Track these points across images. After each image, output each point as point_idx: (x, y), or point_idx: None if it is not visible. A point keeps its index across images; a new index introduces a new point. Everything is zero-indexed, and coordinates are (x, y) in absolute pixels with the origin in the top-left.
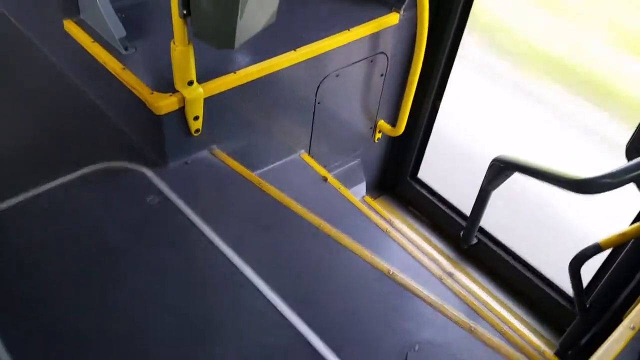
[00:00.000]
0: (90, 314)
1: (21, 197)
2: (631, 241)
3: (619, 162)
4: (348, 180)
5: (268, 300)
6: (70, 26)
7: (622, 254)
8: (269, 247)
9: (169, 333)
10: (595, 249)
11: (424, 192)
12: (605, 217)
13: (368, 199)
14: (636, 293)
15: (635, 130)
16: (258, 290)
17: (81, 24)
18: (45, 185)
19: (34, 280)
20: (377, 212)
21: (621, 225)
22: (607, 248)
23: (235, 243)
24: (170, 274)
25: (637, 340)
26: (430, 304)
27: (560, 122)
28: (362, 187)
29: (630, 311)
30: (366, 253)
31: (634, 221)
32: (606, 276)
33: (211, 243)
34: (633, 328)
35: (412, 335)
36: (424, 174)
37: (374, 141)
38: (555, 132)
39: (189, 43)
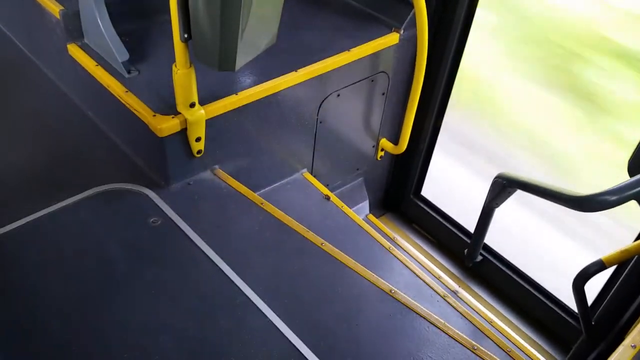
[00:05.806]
0: (93, 335)
1: (24, 220)
2: (634, 258)
3: None
4: (351, 198)
5: (270, 322)
6: (74, 50)
7: (626, 270)
8: (271, 268)
9: (171, 355)
10: (599, 266)
11: (428, 209)
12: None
13: (371, 217)
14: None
15: (637, 147)
16: (260, 311)
17: (85, 48)
18: (48, 208)
19: (37, 302)
20: (380, 231)
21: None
22: (611, 265)
23: (238, 264)
24: (173, 296)
25: None
26: (433, 323)
27: None
28: (365, 206)
29: (632, 330)
30: (368, 272)
31: (638, 238)
32: (611, 293)
33: (213, 264)
34: (634, 347)
35: (414, 355)
36: (427, 191)
37: (377, 159)
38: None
39: (190, 66)
